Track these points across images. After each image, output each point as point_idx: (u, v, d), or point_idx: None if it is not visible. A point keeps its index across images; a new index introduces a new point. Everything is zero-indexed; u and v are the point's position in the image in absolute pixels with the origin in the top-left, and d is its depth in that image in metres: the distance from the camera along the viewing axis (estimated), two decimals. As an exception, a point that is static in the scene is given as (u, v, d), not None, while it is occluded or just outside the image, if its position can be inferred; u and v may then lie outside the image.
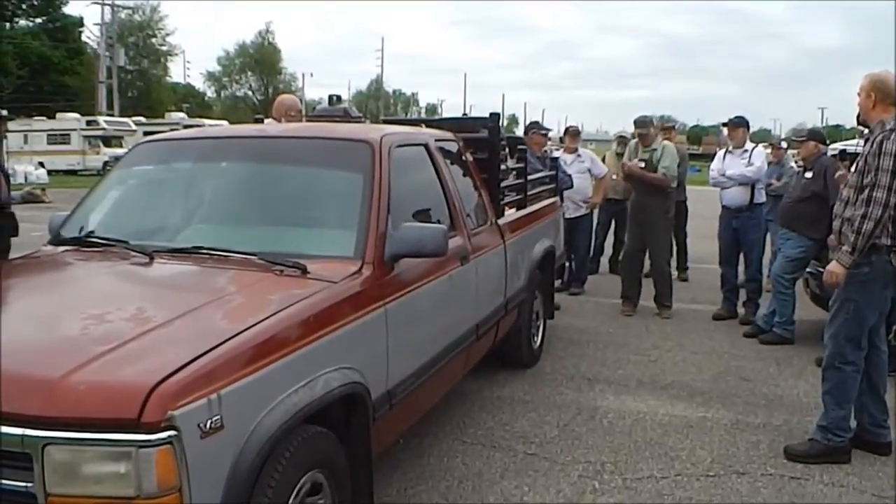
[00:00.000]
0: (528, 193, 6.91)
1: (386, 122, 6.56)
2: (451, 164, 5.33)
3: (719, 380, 6.65)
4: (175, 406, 2.43)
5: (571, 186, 9.12)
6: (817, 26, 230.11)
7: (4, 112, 6.97)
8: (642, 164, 8.79)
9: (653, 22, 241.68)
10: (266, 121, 6.89)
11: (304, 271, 3.54)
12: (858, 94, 4.97)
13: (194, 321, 2.99)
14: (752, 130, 9.51)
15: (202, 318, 3.03)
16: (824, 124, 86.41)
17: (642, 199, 8.92)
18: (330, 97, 6.23)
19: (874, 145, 4.75)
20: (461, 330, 4.88)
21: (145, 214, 4.59)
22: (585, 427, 5.49)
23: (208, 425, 2.53)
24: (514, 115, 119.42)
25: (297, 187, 4.35)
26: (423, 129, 5.62)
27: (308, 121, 6.18)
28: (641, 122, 9.02)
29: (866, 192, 4.72)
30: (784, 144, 11.27)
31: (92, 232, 4.23)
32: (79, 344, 2.76)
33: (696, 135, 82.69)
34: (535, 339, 6.95)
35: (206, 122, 38.95)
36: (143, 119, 45.95)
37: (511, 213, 6.35)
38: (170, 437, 2.40)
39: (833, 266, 4.89)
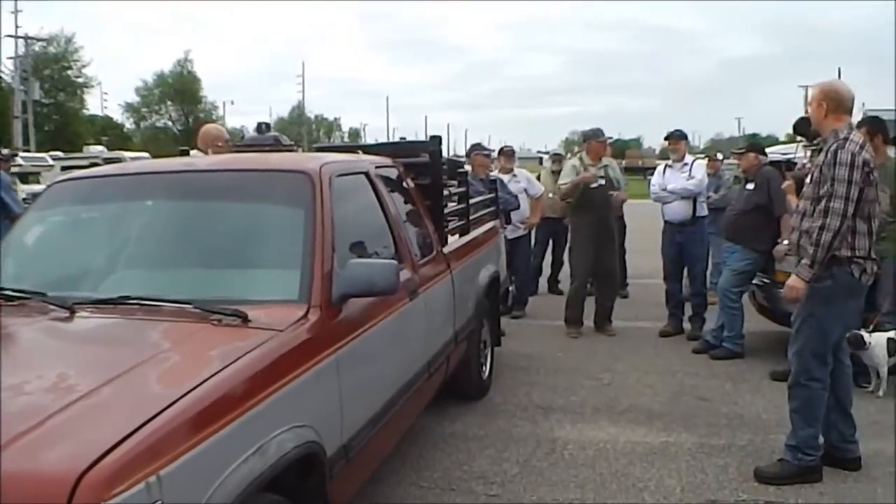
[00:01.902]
0: (471, 218, 6.65)
1: (320, 149, 6.23)
2: (393, 191, 5.04)
3: (676, 401, 6.45)
4: (108, 496, 2.08)
5: (518, 207, 8.95)
6: (731, 38, 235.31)
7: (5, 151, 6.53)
8: (602, 182, 8.63)
9: (574, 39, 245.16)
10: (192, 153, 6.54)
11: (245, 319, 3.21)
12: (809, 105, 4.88)
13: (125, 388, 2.62)
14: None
15: (134, 383, 2.67)
16: (741, 134, 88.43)
17: (600, 216, 8.69)
18: (258, 125, 5.88)
19: (828, 155, 4.65)
20: (414, 369, 4.59)
21: (64, 261, 4.17)
22: (546, 462, 5.22)
23: (148, 513, 2.19)
24: (438, 137, 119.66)
25: (232, 225, 4.01)
26: (362, 156, 5.31)
27: (236, 151, 5.83)
28: (599, 133, 8.91)
29: (823, 202, 4.59)
30: (720, 156, 11.26)
31: (3, 283, 3.76)
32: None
33: (619, 148, 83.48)
34: (484, 368, 6.67)
35: (127, 154, 37.90)
36: (60, 154, 44.61)
37: (455, 240, 6.08)
38: (104, 532, 2.05)
39: (793, 280, 4.74)
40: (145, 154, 33.03)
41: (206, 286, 3.65)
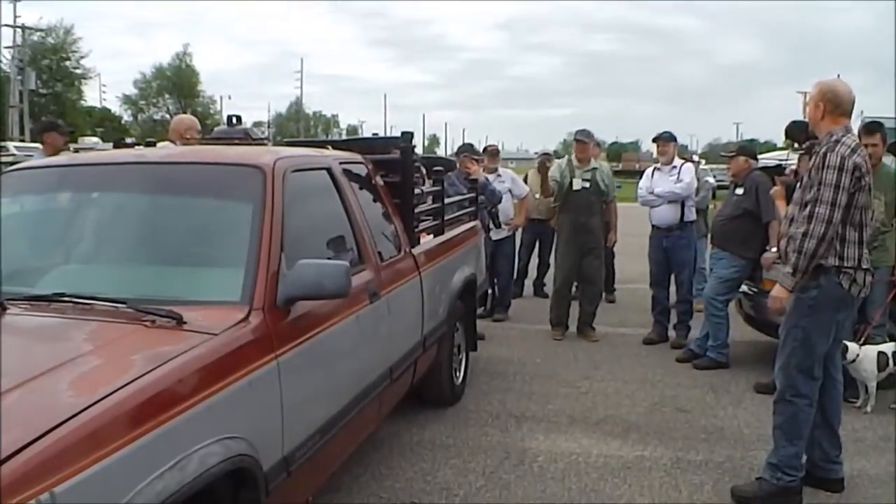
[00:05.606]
0: (447, 218, 6.40)
1: (288, 144, 6.00)
2: (360, 189, 4.82)
3: (655, 412, 6.23)
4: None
5: (501, 200, 8.74)
6: (732, 43, 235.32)
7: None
8: (587, 185, 8.45)
9: (575, 40, 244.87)
10: (160, 144, 6.33)
11: (180, 321, 2.99)
12: (807, 104, 4.63)
13: (32, 393, 2.40)
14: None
15: (44, 388, 2.45)
16: (739, 139, 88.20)
17: (585, 219, 8.54)
18: (229, 118, 5.68)
19: (818, 158, 4.41)
20: (373, 375, 4.35)
21: (6, 254, 3.95)
22: (514, 474, 4.99)
23: (37, 534, 1.97)
24: (434, 135, 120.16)
25: (177, 220, 3.80)
26: (327, 152, 5.08)
27: (206, 143, 5.61)
28: (588, 135, 8.69)
29: (808, 208, 4.36)
30: (696, 158, 11.03)
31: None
32: None
33: (616, 151, 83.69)
34: (457, 374, 6.43)
35: (121, 146, 37.66)
36: (54, 144, 44.19)
37: (427, 241, 5.85)
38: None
39: (776, 290, 4.52)
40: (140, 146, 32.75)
41: (144, 284, 3.46)
